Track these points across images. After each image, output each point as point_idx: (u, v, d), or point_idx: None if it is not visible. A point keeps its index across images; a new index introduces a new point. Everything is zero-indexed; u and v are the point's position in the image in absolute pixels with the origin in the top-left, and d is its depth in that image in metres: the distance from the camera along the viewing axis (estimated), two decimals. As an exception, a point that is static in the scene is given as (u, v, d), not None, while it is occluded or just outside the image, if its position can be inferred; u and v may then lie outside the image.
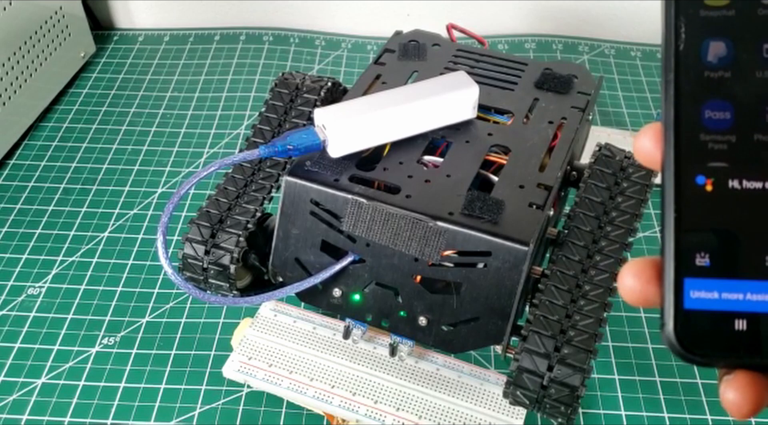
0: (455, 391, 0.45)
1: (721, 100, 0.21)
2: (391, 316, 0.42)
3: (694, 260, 0.21)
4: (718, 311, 0.20)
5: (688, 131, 0.21)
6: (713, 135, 0.21)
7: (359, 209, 0.40)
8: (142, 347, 0.54)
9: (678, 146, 0.21)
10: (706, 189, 0.21)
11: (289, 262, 0.43)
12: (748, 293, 0.20)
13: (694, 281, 0.21)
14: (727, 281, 0.21)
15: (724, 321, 0.20)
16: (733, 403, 0.20)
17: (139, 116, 0.76)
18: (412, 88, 0.45)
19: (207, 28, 0.89)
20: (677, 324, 0.21)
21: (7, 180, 0.68)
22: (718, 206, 0.21)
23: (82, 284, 0.59)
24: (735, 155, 0.21)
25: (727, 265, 0.21)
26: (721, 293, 0.21)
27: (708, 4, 0.21)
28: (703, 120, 0.21)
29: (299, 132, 0.41)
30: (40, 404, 0.50)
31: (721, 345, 0.20)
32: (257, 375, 0.46)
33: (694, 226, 0.21)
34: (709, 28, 0.21)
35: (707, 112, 0.21)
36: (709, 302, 0.21)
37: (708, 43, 0.21)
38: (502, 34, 0.87)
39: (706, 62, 0.21)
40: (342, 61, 0.84)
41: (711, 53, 0.21)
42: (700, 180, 0.21)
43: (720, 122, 0.21)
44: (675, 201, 0.21)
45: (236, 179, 0.46)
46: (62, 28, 0.77)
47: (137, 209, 0.65)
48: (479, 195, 0.40)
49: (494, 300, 0.39)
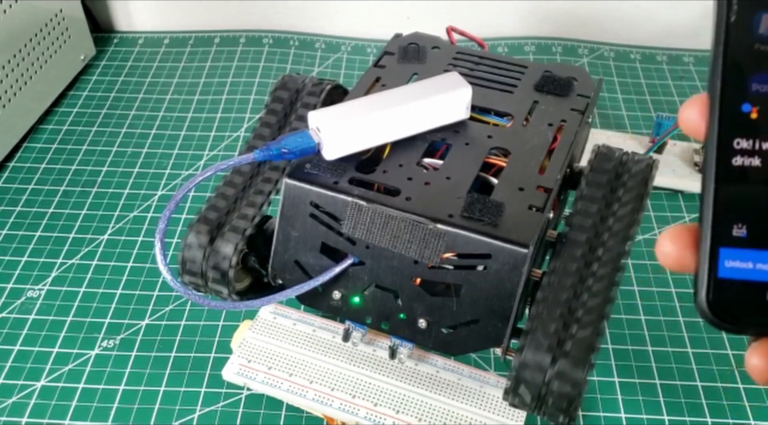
0: (455, 393, 0.45)
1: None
2: (391, 318, 0.42)
3: (731, 230, 0.21)
4: (751, 280, 0.21)
5: (734, 103, 0.21)
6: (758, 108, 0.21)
7: (359, 211, 0.40)
8: (142, 349, 0.54)
9: (722, 118, 0.21)
10: (748, 162, 0.21)
11: (289, 264, 0.43)
12: None
13: (730, 251, 0.21)
14: (763, 252, 0.21)
15: (757, 290, 0.21)
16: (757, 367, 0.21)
17: (138, 119, 0.76)
18: (405, 90, 0.45)
19: (207, 31, 0.89)
20: (710, 292, 0.21)
21: (6, 182, 0.68)
22: (759, 178, 0.21)
23: (82, 286, 0.59)
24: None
25: (763, 236, 0.21)
26: (756, 263, 0.21)
27: None
28: (750, 92, 0.21)
29: (294, 135, 0.42)
30: (40, 406, 0.50)
31: (752, 314, 0.21)
32: (257, 377, 0.46)
33: (733, 197, 0.21)
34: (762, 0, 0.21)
35: (754, 85, 0.21)
36: (744, 272, 0.21)
37: (761, 16, 0.21)
38: (501, 37, 0.87)
39: (757, 35, 0.21)
40: (342, 64, 0.84)
41: (763, 25, 0.21)
42: (742, 153, 0.21)
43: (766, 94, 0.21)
44: (716, 173, 0.21)
45: (235, 183, 0.46)
46: (62, 31, 0.77)
47: (137, 212, 0.65)
48: (479, 197, 0.40)
49: (494, 303, 0.39)
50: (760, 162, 0.21)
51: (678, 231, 0.22)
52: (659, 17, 0.86)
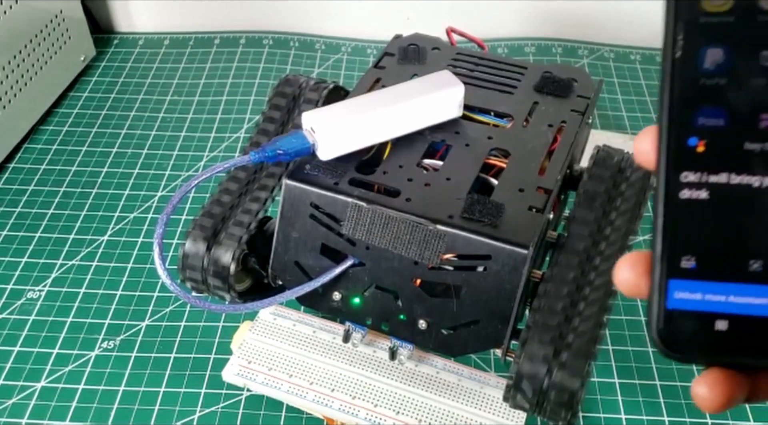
0: (455, 394, 0.45)
1: (715, 107, 0.21)
2: (391, 319, 0.42)
3: (680, 262, 0.21)
4: (700, 311, 0.21)
5: (681, 137, 0.21)
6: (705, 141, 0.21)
7: (359, 212, 0.40)
8: (142, 350, 0.54)
9: (670, 152, 0.21)
10: (696, 194, 0.21)
11: (289, 265, 0.43)
12: (731, 295, 0.21)
13: (679, 283, 0.21)
14: (711, 284, 0.21)
15: (706, 321, 0.21)
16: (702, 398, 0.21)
17: (139, 120, 0.76)
18: (398, 89, 0.45)
19: (207, 32, 0.89)
20: (660, 322, 0.21)
21: (6, 183, 0.68)
22: (706, 210, 0.21)
23: (82, 287, 0.59)
24: (725, 161, 0.21)
25: (712, 268, 0.21)
26: (705, 294, 0.21)
27: (707, 10, 0.21)
28: (696, 126, 0.21)
29: (288, 136, 0.42)
30: (40, 407, 0.50)
31: (701, 344, 0.21)
32: (257, 378, 0.46)
33: (681, 230, 0.21)
34: (707, 34, 0.21)
35: (701, 119, 0.21)
36: (693, 303, 0.21)
37: (705, 50, 0.21)
38: (501, 38, 0.87)
39: (702, 70, 0.21)
40: (342, 65, 0.84)
41: (708, 60, 0.21)
42: (689, 185, 0.21)
43: (712, 128, 0.21)
44: (664, 204, 0.22)
45: (236, 183, 0.46)
46: (62, 32, 0.77)
47: (137, 213, 0.65)
48: (479, 198, 0.40)
49: (494, 304, 0.39)
50: (707, 195, 0.21)
51: (635, 258, 0.22)
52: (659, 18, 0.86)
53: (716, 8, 0.21)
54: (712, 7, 0.21)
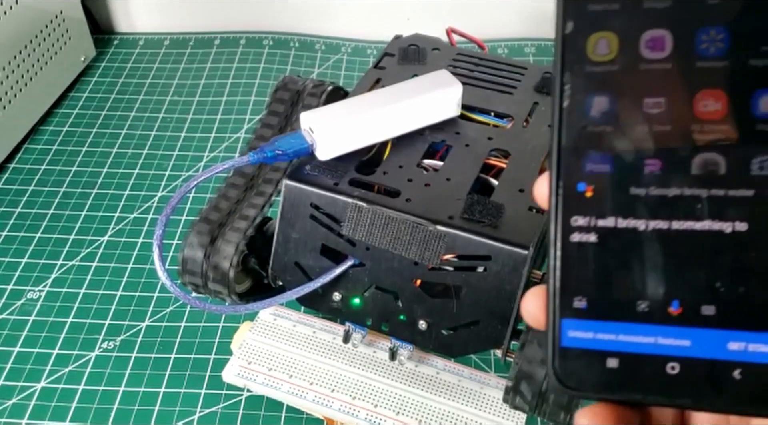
0: (455, 395, 0.45)
1: (601, 153, 0.22)
2: (391, 320, 0.42)
3: (572, 302, 0.22)
4: (592, 349, 0.22)
5: (571, 182, 0.22)
6: (593, 186, 0.22)
7: (359, 212, 0.40)
8: (142, 351, 0.54)
9: (559, 197, 0.22)
10: (585, 237, 0.22)
11: (289, 266, 0.43)
12: (620, 334, 0.22)
13: (572, 322, 0.22)
14: (601, 323, 0.22)
15: (598, 358, 0.22)
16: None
17: (139, 120, 0.76)
18: (396, 89, 0.45)
19: (207, 32, 0.89)
20: (554, 359, 0.22)
21: (7, 184, 0.68)
22: (596, 253, 0.22)
23: (82, 287, 0.59)
24: (612, 206, 0.22)
25: (602, 308, 0.22)
26: (596, 333, 0.22)
27: (593, 59, 0.22)
28: (585, 172, 0.22)
29: (287, 137, 0.42)
30: (40, 408, 0.50)
31: (593, 381, 0.22)
32: (257, 379, 0.46)
33: (573, 271, 0.22)
34: (593, 83, 0.22)
35: (588, 165, 0.22)
36: (585, 342, 0.22)
37: (592, 99, 0.22)
38: (502, 38, 0.87)
39: (588, 117, 0.22)
40: (342, 65, 0.84)
41: (594, 108, 0.22)
42: (579, 229, 0.22)
43: (600, 174, 0.22)
44: (556, 246, 0.22)
45: (236, 184, 0.46)
46: (62, 32, 0.77)
47: (137, 213, 0.65)
48: (479, 199, 0.40)
49: (494, 304, 0.39)
50: (595, 238, 0.22)
51: (539, 293, 0.23)
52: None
53: (601, 58, 0.22)
54: (597, 56, 0.22)
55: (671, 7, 0.21)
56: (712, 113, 0.21)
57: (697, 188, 0.21)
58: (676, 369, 0.21)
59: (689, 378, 0.21)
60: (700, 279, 0.21)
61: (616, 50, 0.22)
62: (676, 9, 0.21)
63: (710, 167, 0.21)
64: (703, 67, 0.21)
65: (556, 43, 0.22)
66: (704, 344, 0.21)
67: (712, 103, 0.21)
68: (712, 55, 0.21)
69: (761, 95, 0.21)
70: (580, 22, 0.22)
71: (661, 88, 0.22)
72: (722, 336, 0.21)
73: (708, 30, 0.21)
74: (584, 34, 0.22)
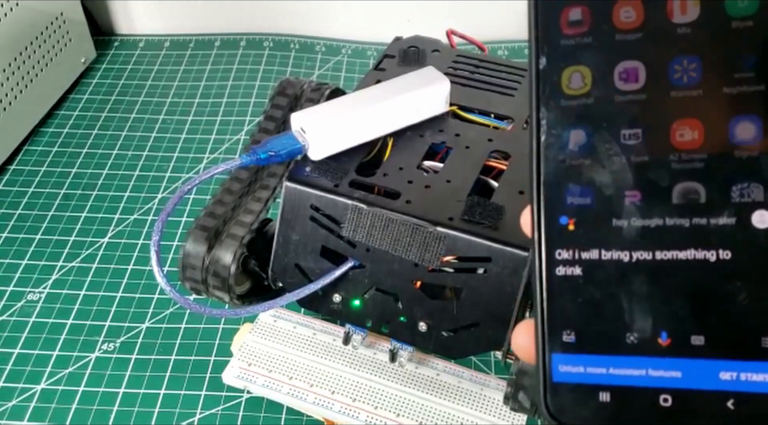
0: (455, 397, 0.45)
1: (581, 186, 0.22)
2: (391, 322, 0.42)
3: (561, 336, 0.22)
4: (583, 384, 0.21)
5: (552, 216, 0.22)
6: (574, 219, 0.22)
7: (359, 214, 0.40)
8: (142, 352, 0.54)
9: (541, 231, 0.22)
10: (570, 270, 0.22)
11: (289, 268, 0.43)
12: (610, 368, 0.21)
13: (562, 357, 0.22)
14: (591, 357, 0.22)
15: (590, 392, 0.21)
16: None
17: (139, 122, 0.76)
18: (385, 87, 0.45)
19: (207, 34, 0.89)
20: (546, 394, 0.22)
21: (7, 185, 0.68)
22: (582, 286, 0.22)
23: (82, 289, 0.59)
24: (595, 238, 0.22)
25: (591, 341, 0.22)
26: (587, 367, 0.21)
27: (567, 93, 0.22)
28: (566, 205, 0.22)
29: (279, 138, 0.42)
30: (40, 410, 0.50)
31: (586, 415, 0.21)
32: (257, 380, 0.46)
33: (559, 306, 0.22)
34: (568, 117, 0.22)
35: (569, 198, 0.22)
36: (575, 376, 0.22)
37: (569, 132, 0.22)
38: (502, 40, 0.87)
39: (567, 151, 0.22)
40: (342, 67, 0.84)
41: (571, 141, 0.22)
42: (563, 262, 0.22)
43: (581, 207, 0.22)
44: (540, 282, 0.22)
45: (232, 190, 0.46)
46: (63, 34, 0.77)
47: (137, 215, 0.65)
48: (479, 201, 0.40)
49: (494, 306, 0.39)
50: (580, 271, 0.22)
51: (529, 326, 0.23)
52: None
53: (576, 91, 0.22)
54: (571, 90, 0.22)
55: (642, 39, 0.21)
56: (689, 142, 0.21)
57: (678, 217, 0.21)
58: (669, 402, 0.21)
59: (682, 410, 0.21)
60: (686, 309, 0.21)
61: (590, 83, 0.22)
62: (648, 40, 0.21)
63: (691, 196, 0.21)
64: (678, 96, 0.21)
65: (531, 78, 0.22)
66: (695, 375, 0.21)
67: (689, 131, 0.21)
68: (686, 85, 0.21)
69: (737, 122, 0.21)
70: (553, 56, 0.22)
71: (637, 119, 0.21)
72: (713, 366, 0.21)
73: (680, 60, 0.21)
74: (558, 68, 0.22)
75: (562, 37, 0.22)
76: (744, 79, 0.21)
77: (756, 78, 0.21)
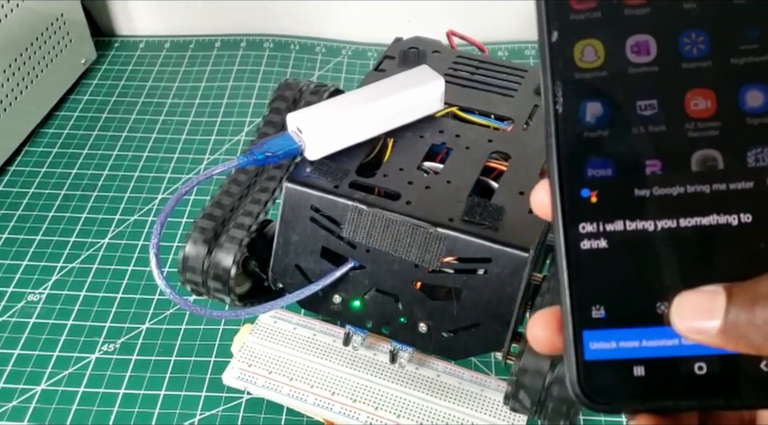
0: (456, 397, 0.45)
1: (601, 158, 0.22)
2: (392, 323, 0.42)
3: (590, 312, 0.22)
4: (617, 359, 0.21)
5: (574, 189, 0.22)
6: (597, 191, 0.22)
7: (359, 215, 0.40)
8: (142, 353, 0.54)
9: (564, 205, 0.22)
10: (595, 243, 0.22)
11: (289, 268, 0.43)
12: (643, 340, 0.21)
13: (593, 333, 0.21)
14: (622, 330, 0.21)
15: (624, 368, 0.21)
16: None
17: (139, 123, 0.76)
18: (379, 86, 0.45)
19: (208, 35, 0.89)
20: (579, 375, 0.21)
21: (7, 186, 0.68)
22: (608, 259, 0.22)
23: (82, 290, 0.58)
24: (619, 209, 0.22)
25: (621, 315, 0.21)
26: (619, 342, 0.21)
27: (581, 66, 0.22)
28: (587, 178, 0.22)
29: (275, 138, 0.42)
30: (40, 410, 0.50)
31: (622, 392, 0.21)
32: (257, 381, 0.46)
33: (586, 281, 0.22)
34: (584, 89, 0.22)
35: (590, 170, 0.22)
36: (608, 352, 0.21)
37: (585, 105, 0.22)
38: (502, 41, 0.87)
39: (584, 123, 0.22)
40: (342, 68, 0.84)
41: (588, 114, 0.22)
42: (588, 235, 0.22)
43: (602, 178, 0.22)
44: (566, 258, 0.22)
45: (231, 192, 0.46)
46: (63, 35, 0.77)
47: (137, 216, 0.65)
48: (479, 201, 0.40)
49: (495, 307, 0.39)
50: (606, 244, 0.22)
51: (547, 315, 0.22)
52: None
53: (589, 64, 0.22)
54: (585, 63, 0.22)
55: (651, 13, 0.22)
56: (703, 111, 0.22)
57: (699, 184, 0.21)
58: (704, 369, 0.21)
59: (718, 377, 0.21)
60: (713, 274, 0.21)
61: (603, 56, 0.22)
62: (656, 14, 0.22)
63: (709, 163, 0.21)
64: (689, 68, 0.22)
65: (542, 53, 0.22)
66: None
67: (702, 101, 0.22)
68: (696, 56, 0.22)
69: (746, 91, 0.21)
70: (564, 31, 0.22)
71: (652, 90, 0.22)
72: None
73: (689, 33, 0.22)
74: (570, 42, 0.22)
75: (573, 12, 0.22)
76: (750, 51, 0.21)
77: (761, 49, 0.21)
